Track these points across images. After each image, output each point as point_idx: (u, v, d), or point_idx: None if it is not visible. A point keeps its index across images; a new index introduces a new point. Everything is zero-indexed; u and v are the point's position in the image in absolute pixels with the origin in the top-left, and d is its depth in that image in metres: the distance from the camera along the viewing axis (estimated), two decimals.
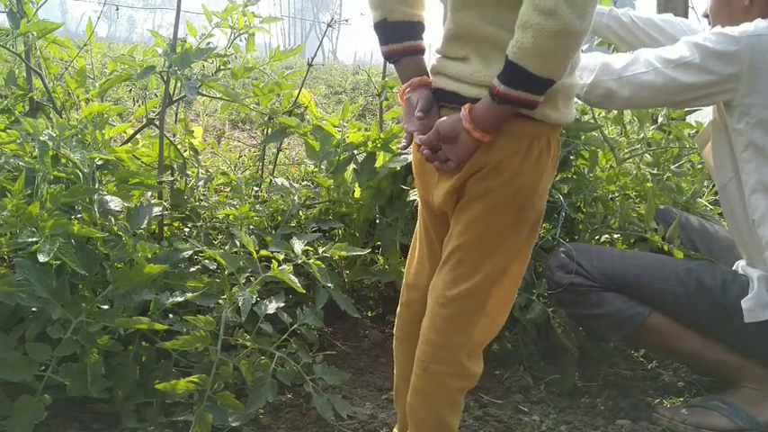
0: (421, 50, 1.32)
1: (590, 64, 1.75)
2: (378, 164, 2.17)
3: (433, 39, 1.39)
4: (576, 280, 1.79)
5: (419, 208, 1.42)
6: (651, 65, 1.69)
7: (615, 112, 2.29)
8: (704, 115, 2.54)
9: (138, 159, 2.02)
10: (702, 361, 1.85)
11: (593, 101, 1.80)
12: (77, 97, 2.12)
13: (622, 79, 1.71)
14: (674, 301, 1.76)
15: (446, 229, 1.31)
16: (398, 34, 1.29)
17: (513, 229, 1.25)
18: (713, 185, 2.84)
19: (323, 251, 1.87)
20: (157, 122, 2.07)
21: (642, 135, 2.23)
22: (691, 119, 2.27)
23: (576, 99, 2.09)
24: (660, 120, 2.21)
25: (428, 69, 1.31)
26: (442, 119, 1.21)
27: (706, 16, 1.88)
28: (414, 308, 1.41)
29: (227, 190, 2.35)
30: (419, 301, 1.39)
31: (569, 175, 2.15)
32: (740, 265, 1.80)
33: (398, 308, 1.46)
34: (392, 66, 1.35)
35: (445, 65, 1.25)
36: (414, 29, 1.29)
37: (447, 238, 1.29)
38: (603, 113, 2.32)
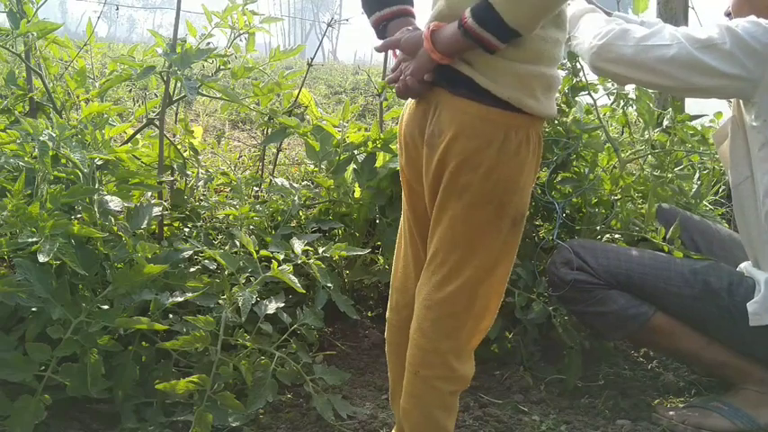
0: (410, 13, 1.30)
1: (606, 26, 1.68)
2: (378, 164, 2.17)
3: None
4: (580, 277, 1.78)
5: (403, 209, 1.40)
6: (676, 38, 1.60)
7: (619, 112, 2.28)
8: (710, 119, 2.54)
9: (138, 159, 2.02)
10: (704, 362, 1.85)
11: (601, 65, 1.69)
12: (77, 97, 2.12)
13: (640, 47, 1.61)
14: (678, 302, 1.75)
15: (428, 228, 1.29)
16: (385, 1, 1.28)
17: (492, 225, 1.22)
18: (713, 185, 2.84)
19: (323, 251, 1.87)
20: (157, 122, 2.07)
21: (647, 136, 2.22)
22: (696, 123, 2.27)
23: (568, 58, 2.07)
24: (665, 122, 2.20)
25: None
26: (406, 35, 1.22)
27: (728, 15, 1.83)
28: (403, 312, 1.39)
29: (227, 190, 2.35)
30: (408, 305, 1.37)
31: (569, 175, 2.15)
32: (744, 267, 1.79)
33: (387, 312, 1.44)
34: (391, 64, 1.34)
35: None
36: None
37: (429, 240, 1.28)
38: (608, 113, 2.31)
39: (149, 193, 1.99)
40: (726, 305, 1.70)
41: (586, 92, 2.15)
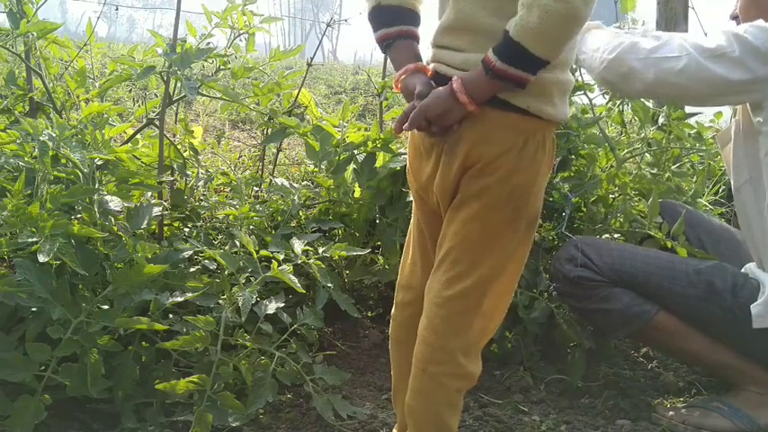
0: (415, 36, 1.30)
1: (614, 40, 1.66)
2: (378, 164, 2.17)
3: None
4: (584, 274, 1.78)
5: (413, 207, 1.41)
6: (685, 50, 1.58)
7: (615, 111, 2.28)
8: (710, 118, 2.53)
9: (138, 159, 2.02)
10: (706, 362, 1.84)
11: (611, 79, 1.67)
12: (77, 97, 2.12)
13: (650, 60, 1.59)
14: (681, 302, 1.74)
15: (440, 229, 1.30)
16: (392, 18, 1.28)
17: (508, 227, 1.24)
18: (713, 185, 2.84)
19: (323, 251, 1.87)
20: (157, 122, 2.07)
21: (643, 134, 2.22)
22: (692, 120, 2.26)
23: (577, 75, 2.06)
24: (661, 120, 2.20)
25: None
26: (424, 101, 1.19)
27: (734, 18, 1.81)
28: (408, 309, 1.40)
29: (227, 190, 2.35)
30: (413, 303, 1.38)
31: (570, 174, 2.15)
32: (750, 268, 1.78)
33: (393, 309, 1.45)
34: (392, 66, 1.33)
35: (442, 54, 1.24)
36: (408, 15, 1.29)
37: (441, 238, 1.28)
38: (604, 111, 2.31)
39: (149, 193, 1.99)
40: (729, 306, 1.70)
41: (582, 92, 2.15)
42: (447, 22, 1.24)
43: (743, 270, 1.79)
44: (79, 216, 1.72)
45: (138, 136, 2.16)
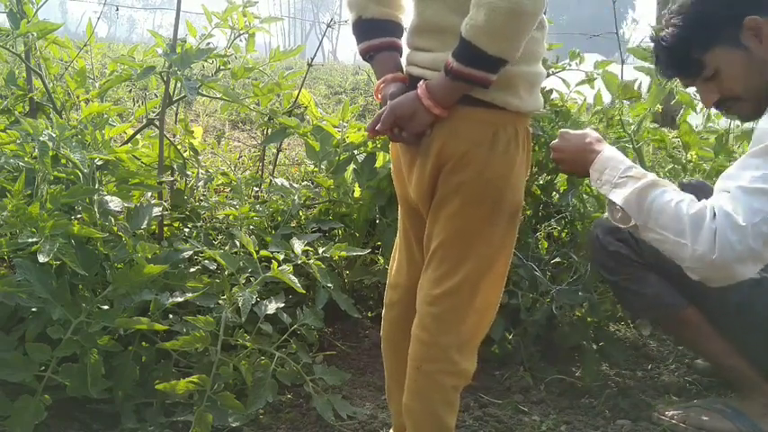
0: (397, 47, 1.32)
1: (701, 232, 1.31)
2: (378, 164, 2.17)
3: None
4: (622, 250, 1.76)
5: (399, 208, 1.42)
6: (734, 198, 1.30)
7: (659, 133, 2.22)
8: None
9: (138, 159, 2.02)
10: (719, 364, 1.82)
11: (729, 274, 1.32)
12: (77, 97, 2.12)
13: (747, 241, 1.27)
14: (711, 303, 1.70)
15: (423, 227, 1.31)
16: (374, 31, 1.30)
17: (488, 222, 1.25)
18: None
19: (323, 251, 1.87)
20: (157, 122, 2.07)
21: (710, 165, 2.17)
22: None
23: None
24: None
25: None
26: (394, 100, 1.22)
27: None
28: (395, 308, 1.42)
29: (227, 190, 2.35)
30: (400, 302, 1.40)
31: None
32: None
33: (383, 309, 1.46)
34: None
35: (415, 56, 1.26)
36: (389, 27, 1.30)
37: (427, 238, 1.30)
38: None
39: (149, 194, 1.99)
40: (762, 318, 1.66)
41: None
42: (415, 23, 1.26)
43: None
44: (79, 216, 1.72)
45: (138, 136, 2.16)
